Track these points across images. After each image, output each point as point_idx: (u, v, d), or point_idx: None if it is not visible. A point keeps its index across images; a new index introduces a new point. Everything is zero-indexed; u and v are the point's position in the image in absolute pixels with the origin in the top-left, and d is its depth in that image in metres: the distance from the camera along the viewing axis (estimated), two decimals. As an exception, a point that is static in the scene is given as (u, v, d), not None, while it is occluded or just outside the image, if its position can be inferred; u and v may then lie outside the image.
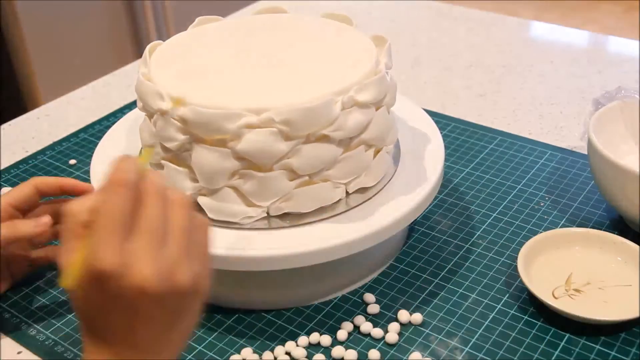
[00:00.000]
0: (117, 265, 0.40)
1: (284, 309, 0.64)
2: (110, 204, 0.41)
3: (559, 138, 0.88)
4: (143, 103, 0.61)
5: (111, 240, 0.40)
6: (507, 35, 1.15)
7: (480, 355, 0.59)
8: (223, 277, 0.55)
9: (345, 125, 0.58)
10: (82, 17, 1.72)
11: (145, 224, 0.42)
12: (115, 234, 0.40)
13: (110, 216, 0.41)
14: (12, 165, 0.86)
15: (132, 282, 0.40)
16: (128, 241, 0.41)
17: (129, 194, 0.41)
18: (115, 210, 0.41)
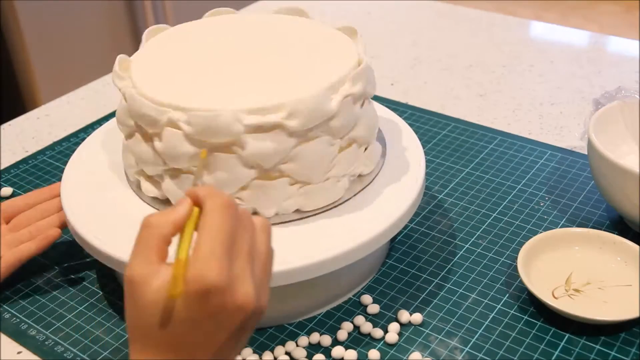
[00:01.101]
0: (226, 282, 0.41)
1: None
2: (216, 221, 0.43)
3: (559, 138, 0.88)
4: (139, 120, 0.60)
5: (221, 258, 0.41)
6: (507, 35, 1.15)
7: (480, 355, 0.59)
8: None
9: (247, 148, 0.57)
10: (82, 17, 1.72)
11: (246, 248, 0.43)
12: (223, 253, 0.42)
13: (220, 233, 0.42)
14: (12, 165, 0.86)
15: (236, 300, 0.42)
16: (232, 261, 0.42)
17: (233, 214, 0.43)
18: (225, 230, 0.42)
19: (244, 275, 0.42)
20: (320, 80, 0.59)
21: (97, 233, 0.60)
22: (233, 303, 0.42)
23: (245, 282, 0.42)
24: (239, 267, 0.42)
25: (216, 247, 0.42)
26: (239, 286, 0.42)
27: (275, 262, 0.56)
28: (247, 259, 0.43)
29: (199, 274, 0.41)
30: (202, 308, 0.41)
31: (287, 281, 0.57)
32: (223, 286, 0.41)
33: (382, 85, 1.02)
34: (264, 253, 0.45)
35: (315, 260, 0.57)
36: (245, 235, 0.44)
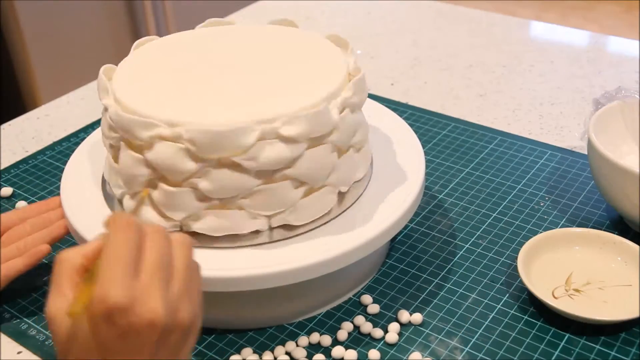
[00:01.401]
0: (128, 300, 0.41)
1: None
2: (117, 242, 0.42)
3: (559, 138, 0.88)
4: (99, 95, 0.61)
5: (121, 277, 0.41)
6: (507, 35, 1.15)
7: (480, 355, 0.59)
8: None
9: (259, 156, 0.55)
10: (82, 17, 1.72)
11: (152, 262, 0.43)
12: (123, 272, 0.41)
13: (118, 254, 0.42)
14: (12, 165, 0.86)
15: (141, 317, 0.41)
16: (136, 278, 0.42)
17: (134, 233, 0.43)
18: (123, 248, 0.42)
19: (150, 291, 0.42)
20: (315, 91, 0.58)
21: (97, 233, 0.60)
22: (139, 320, 0.41)
23: (151, 298, 0.42)
24: (144, 284, 0.42)
25: (115, 267, 0.41)
26: (144, 302, 0.41)
27: (275, 263, 0.56)
28: (155, 274, 0.42)
29: (99, 296, 0.41)
30: (110, 329, 0.41)
31: (287, 281, 0.57)
32: (125, 304, 0.41)
33: (382, 85, 1.02)
34: (182, 267, 0.45)
35: (315, 261, 0.57)
36: (152, 251, 0.43)
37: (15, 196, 0.80)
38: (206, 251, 0.58)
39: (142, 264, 0.43)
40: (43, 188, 0.81)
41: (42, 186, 0.82)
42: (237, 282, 0.56)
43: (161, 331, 0.42)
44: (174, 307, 0.43)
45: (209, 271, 0.55)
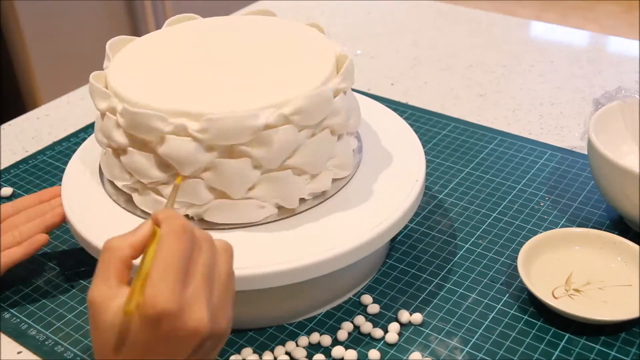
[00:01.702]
0: (178, 307, 0.42)
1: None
2: (171, 247, 0.43)
3: (559, 138, 0.88)
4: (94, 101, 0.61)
5: (172, 283, 0.42)
6: (507, 35, 1.15)
7: (480, 355, 0.59)
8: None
9: (272, 141, 0.56)
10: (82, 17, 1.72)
11: (200, 270, 0.44)
12: (176, 277, 0.42)
13: (172, 260, 0.43)
14: (12, 165, 0.86)
15: (188, 325, 0.42)
16: (185, 286, 0.43)
17: (187, 241, 0.44)
18: (177, 255, 0.43)
19: (197, 300, 0.43)
20: (313, 75, 0.60)
21: (97, 233, 0.60)
22: (185, 328, 0.42)
23: (198, 307, 0.42)
24: (193, 292, 0.43)
25: (168, 273, 0.42)
26: (192, 311, 0.42)
27: (276, 263, 0.56)
28: (203, 283, 0.43)
29: (150, 299, 0.41)
30: (155, 332, 0.42)
31: (287, 281, 0.57)
32: (174, 311, 0.41)
33: (382, 85, 1.02)
34: (224, 274, 0.45)
35: (315, 261, 0.57)
36: (201, 259, 0.44)
37: (15, 196, 0.80)
38: None
39: (192, 272, 0.43)
40: (43, 188, 0.81)
41: (42, 186, 0.82)
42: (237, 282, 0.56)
43: (204, 338, 0.43)
44: (216, 316, 0.44)
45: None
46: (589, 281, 0.64)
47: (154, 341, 0.42)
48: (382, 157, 0.68)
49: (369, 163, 0.67)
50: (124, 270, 0.44)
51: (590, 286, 0.63)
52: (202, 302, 0.43)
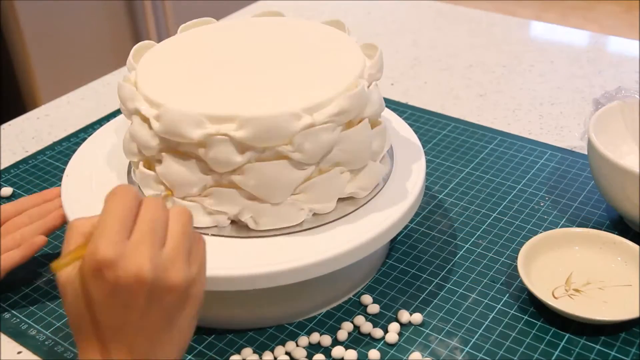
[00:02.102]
0: (116, 255, 0.43)
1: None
2: (113, 204, 0.45)
3: (559, 138, 0.88)
4: (124, 106, 0.61)
5: (112, 234, 0.43)
6: (507, 35, 1.15)
7: (480, 355, 0.59)
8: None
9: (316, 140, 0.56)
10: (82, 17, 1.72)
11: (146, 225, 0.45)
12: (115, 230, 0.44)
13: (113, 215, 0.44)
14: (12, 165, 0.86)
15: (127, 272, 0.43)
16: (127, 238, 0.44)
17: (130, 199, 0.45)
18: (118, 210, 0.45)
19: (138, 248, 0.43)
20: (345, 74, 0.60)
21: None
22: (126, 275, 0.43)
23: (139, 254, 0.43)
24: (134, 242, 0.44)
25: (107, 227, 0.44)
26: (132, 257, 0.43)
27: (275, 262, 0.56)
28: (147, 235, 0.44)
29: (90, 251, 0.43)
30: (100, 285, 0.43)
31: (287, 281, 0.57)
32: (112, 259, 0.43)
33: (382, 85, 1.02)
34: (177, 233, 0.46)
35: (315, 260, 0.57)
36: (146, 216, 0.45)
37: (15, 196, 0.80)
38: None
39: (136, 227, 0.45)
40: (43, 188, 0.81)
41: (42, 186, 0.82)
42: (237, 282, 0.56)
43: (149, 288, 0.43)
44: (163, 267, 0.44)
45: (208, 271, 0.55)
46: (589, 281, 0.64)
47: (101, 297, 0.43)
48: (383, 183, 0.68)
49: None
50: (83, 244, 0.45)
51: (590, 286, 0.63)
52: (144, 251, 0.43)
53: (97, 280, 0.43)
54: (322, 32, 0.68)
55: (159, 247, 0.45)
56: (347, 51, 0.64)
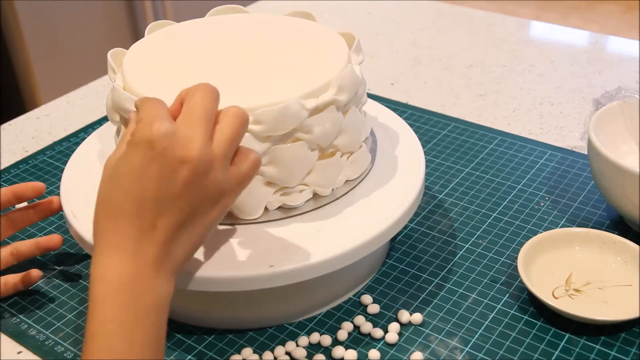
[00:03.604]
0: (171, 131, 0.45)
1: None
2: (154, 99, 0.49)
3: (559, 138, 0.88)
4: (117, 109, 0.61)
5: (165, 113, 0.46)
6: (507, 35, 1.15)
7: (480, 355, 0.59)
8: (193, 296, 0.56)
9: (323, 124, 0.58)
10: (82, 17, 1.72)
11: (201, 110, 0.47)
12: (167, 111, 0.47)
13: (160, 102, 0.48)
14: (12, 165, 0.86)
15: (177, 149, 0.45)
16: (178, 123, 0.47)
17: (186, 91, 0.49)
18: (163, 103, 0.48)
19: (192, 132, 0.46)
20: (335, 61, 0.62)
21: None
22: (174, 150, 0.45)
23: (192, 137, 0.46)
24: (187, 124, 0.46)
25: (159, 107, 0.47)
26: (184, 138, 0.45)
27: (275, 263, 0.56)
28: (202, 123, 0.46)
29: (144, 125, 0.46)
30: (146, 153, 0.45)
31: (287, 281, 0.57)
32: (166, 133, 0.45)
33: (382, 85, 1.02)
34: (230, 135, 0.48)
35: (316, 261, 0.57)
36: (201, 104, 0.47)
37: (15, 196, 0.80)
38: (206, 251, 0.58)
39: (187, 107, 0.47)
40: (43, 188, 0.81)
41: (42, 186, 0.82)
42: (237, 282, 0.56)
43: (192, 168, 0.45)
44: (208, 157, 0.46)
45: (208, 271, 0.55)
46: (589, 281, 0.64)
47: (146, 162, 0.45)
48: (382, 157, 0.68)
49: None
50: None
51: (590, 286, 0.63)
52: (197, 133, 0.46)
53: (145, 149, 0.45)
54: (294, 24, 0.69)
55: (209, 137, 0.46)
56: (329, 38, 0.66)
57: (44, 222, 0.75)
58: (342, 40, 0.66)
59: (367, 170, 0.66)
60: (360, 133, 0.63)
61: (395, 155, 0.68)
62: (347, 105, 0.61)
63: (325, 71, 0.60)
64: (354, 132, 0.62)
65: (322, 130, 0.58)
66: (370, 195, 0.63)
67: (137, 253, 0.45)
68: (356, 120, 0.62)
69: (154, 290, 0.46)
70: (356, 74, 0.61)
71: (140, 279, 0.45)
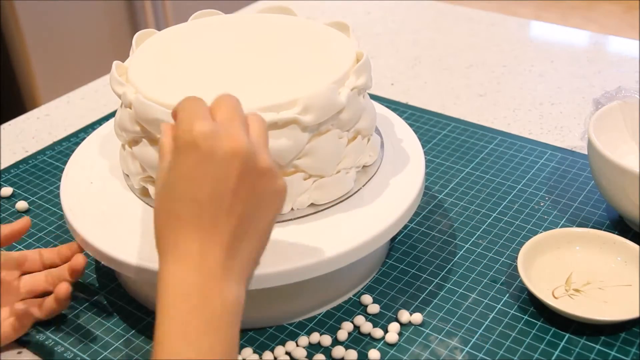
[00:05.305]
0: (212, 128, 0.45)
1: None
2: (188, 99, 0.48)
3: (559, 138, 0.88)
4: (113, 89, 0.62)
5: (202, 114, 0.46)
6: (507, 35, 1.15)
7: (480, 355, 0.59)
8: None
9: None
10: (82, 17, 1.72)
11: (231, 110, 0.47)
12: (205, 111, 0.46)
13: (194, 102, 0.47)
14: (12, 165, 0.86)
15: (224, 144, 0.44)
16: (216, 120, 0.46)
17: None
18: (197, 100, 0.47)
19: (232, 126, 0.46)
20: (326, 75, 0.60)
21: (97, 233, 0.60)
22: (222, 145, 0.44)
23: (233, 130, 0.45)
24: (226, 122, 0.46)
25: (195, 109, 0.46)
26: (227, 131, 0.45)
27: (275, 263, 0.56)
28: (237, 119, 0.46)
29: (184, 129, 0.45)
30: (194, 157, 0.44)
31: (287, 281, 0.57)
32: (208, 130, 0.44)
33: (382, 85, 1.02)
34: (258, 128, 0.48)
35: (316, 260, 0.57)
36: (229, 104, 0.47)
37: (15, 196, 0.80)
38: None
39: (219, 111, 0.47)
40: (43, 188, 0.81)
41: (42, 186, 0.82)
42: None
43: (243, 161, 0.45)
44: (254, 148, 0.46)
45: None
46: (589, 281, 0.64)
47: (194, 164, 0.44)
48: (382, 157, 0.68)
49: None
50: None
51: (590, 286, 0.63)
52: (237, 127, 0.45)
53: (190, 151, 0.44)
54: (321, 33, 0.68)
55: (247, 131, 0.46)
56: (337, 58, 0.64)
57: (43, 223, 0.75)
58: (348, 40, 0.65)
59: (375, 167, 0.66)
60: (332, 157, 0.61)
61: (395, 155, 0.68)
62: (322, 126, 0.60)
63: (340, 64, 0.61)
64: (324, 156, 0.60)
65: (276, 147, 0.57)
66: (370, 196, 0.63)
67: (202, 257, 0.44)
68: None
69: (221, 295, 0.44)
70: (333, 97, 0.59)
71: (208, 283, 0.44)
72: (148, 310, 0.64)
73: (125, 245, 0.58)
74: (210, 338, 0.43)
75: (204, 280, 0.44)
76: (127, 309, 0.65)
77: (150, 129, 0.58)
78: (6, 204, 0.79)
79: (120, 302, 0.65)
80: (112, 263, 0.59)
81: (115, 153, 0.68)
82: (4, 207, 0.78)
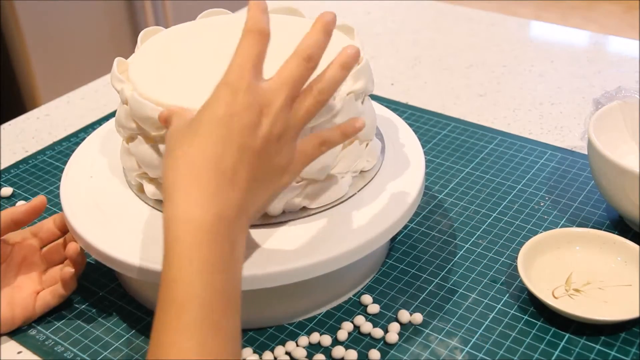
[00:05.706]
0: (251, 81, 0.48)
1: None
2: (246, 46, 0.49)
3: (559, 138, 0.88)
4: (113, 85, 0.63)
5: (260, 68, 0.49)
6: (507, 35, 1.15)
7: (480, 355, 0.59)
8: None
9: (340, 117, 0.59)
10: (82, 17, 1.72)
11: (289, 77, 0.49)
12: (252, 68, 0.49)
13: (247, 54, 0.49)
14: (12, 165, 0.86)
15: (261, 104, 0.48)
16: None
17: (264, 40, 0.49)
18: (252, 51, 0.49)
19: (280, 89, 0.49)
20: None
21: (97, 233, 0.60)
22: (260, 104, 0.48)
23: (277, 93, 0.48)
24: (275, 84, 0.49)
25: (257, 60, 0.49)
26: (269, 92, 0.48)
27: (276, 263, 0.56)
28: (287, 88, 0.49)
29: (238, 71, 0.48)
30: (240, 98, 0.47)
31: (287, 281, 0.57)
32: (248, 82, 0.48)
33: (382, 85, 1.02)
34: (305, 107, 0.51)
35: (316, 260, 0.57)
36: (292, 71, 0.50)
37: (15, 196, 0.80)
38: None
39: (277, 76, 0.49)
40: (43, 188, 0.81)
41: (42, 186, 0.82)
42: None
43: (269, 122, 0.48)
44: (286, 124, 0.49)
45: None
46: (589, 281, 0.64)
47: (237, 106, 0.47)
48: (382, 161, 0.68)
49: None
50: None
51: (590, 286, 0.63)
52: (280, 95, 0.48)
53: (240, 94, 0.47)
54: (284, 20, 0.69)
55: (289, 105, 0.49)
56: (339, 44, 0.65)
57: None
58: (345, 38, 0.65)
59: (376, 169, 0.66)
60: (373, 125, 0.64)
61: (395, 155, 0.68)
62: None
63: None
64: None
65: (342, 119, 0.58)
66: (370, 195, 0.63)
67: (218, 196, 0.46)
68: (371, 109, 0.65)
69: (232, 235, 0.46)
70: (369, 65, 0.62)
71: (224, 220, 0.46)
72: (148, 310, 0.64)
73: (126, 245, 0.58)
74: (221, 276, 0.44)
75: (219, 218, 0.46)
76: (127, 309, 0.65)
77: (144, 126, 0.58)
78: (6, 204, 0.79)
79: (120, 302, 0.65)
80: (112, 263, 0.59)
81: (115, 152, 0.68)
82: (4, 207, 0.78)
